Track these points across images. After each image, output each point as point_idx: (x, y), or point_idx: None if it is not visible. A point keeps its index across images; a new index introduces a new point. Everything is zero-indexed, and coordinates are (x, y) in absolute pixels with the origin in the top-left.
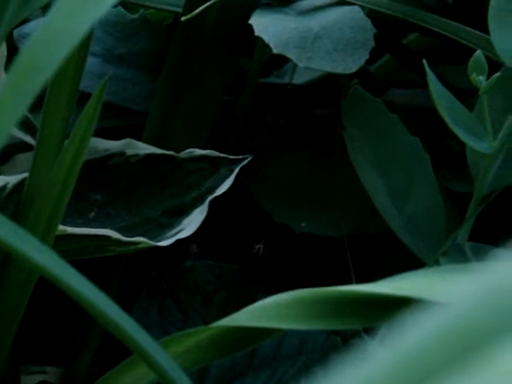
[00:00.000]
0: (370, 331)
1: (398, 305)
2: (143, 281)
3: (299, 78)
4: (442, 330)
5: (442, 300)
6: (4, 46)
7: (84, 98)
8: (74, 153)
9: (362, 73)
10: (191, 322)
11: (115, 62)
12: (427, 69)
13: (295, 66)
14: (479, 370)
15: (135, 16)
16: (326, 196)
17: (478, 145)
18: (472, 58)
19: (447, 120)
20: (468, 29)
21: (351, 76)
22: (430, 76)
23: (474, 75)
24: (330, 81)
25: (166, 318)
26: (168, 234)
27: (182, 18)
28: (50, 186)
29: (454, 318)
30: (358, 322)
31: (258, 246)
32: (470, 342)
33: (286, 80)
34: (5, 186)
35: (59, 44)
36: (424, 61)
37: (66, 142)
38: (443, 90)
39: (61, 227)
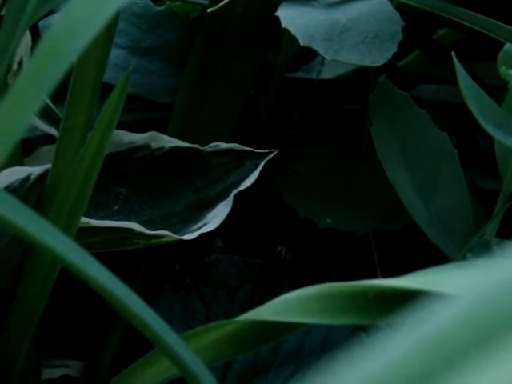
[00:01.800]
0: (394, 326)
1: (423, 299)
2: (167, 275)
3: (327, 74)
4: (457, 321)
5: (465, 295)
6: (29, 37)
7: (110, 90)
8: (97, 144)
9: (390, 68)
10: (214, 317)
11: (141, 54)
12: (456, 63)
13: (323, 61)
14: (494, 361)
15: (161, 8)
16: (352, 191)
17: (507, 140)
18: (501, 52)
19: (476, 114)
20: (498, 23)
21: (379, 71)
22: (460, 70)
23: (503, 68)
24: (357, 76)
25: (189, 312)
26: (192, 228)
27: (209, 10)
28: (72, 178)
29: (469, 309)
30: (382, 317)
31: (280, 248)
32: (485, 334)
33: (314, 75)
34: (28, 177)
35: (80, 32)
36: (453, 54)
37: (90, 133)
38: (473, 85)
39: (84, 219)
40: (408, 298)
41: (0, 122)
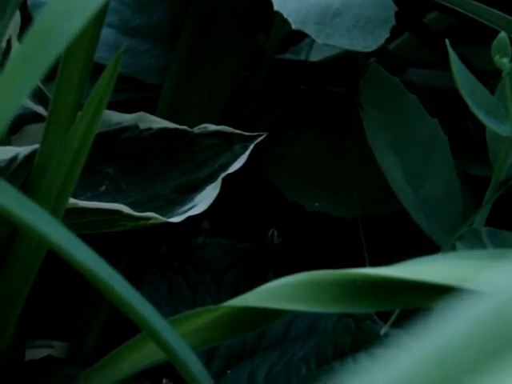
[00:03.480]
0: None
1: (412, 289)
2: (153, 257)
3: (316, 55)
4: (484, 322)
5: (458, 286)
6: (18, 15)
7: (99, 69)
8: (87, 125)
9: (380, 51)
10: (201, 300)
11: (131, 33)
12: (450, 49)
13: (312, 42)
14: None
15: None
16: (341, 176)
17: (499, 128)
18: (496, 40)
19: (468, 102)
20: (490, 9)
21: (369, 54)
22: (453, 56)
23: (497, 57)
24: (347, 58)
25: (175, 295)
26: (179, 211)
27: None
28: (61, 158)
29: (495, 310)
30: (370, 306)
31: (271, 231)
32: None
33: (303, 57)
34: (15, 157)
35: (74, 14)
36: (447, 41)
37: (79, 113)
38: (465, 71)
39: (72, 200)
40: (397, 287)
41: None
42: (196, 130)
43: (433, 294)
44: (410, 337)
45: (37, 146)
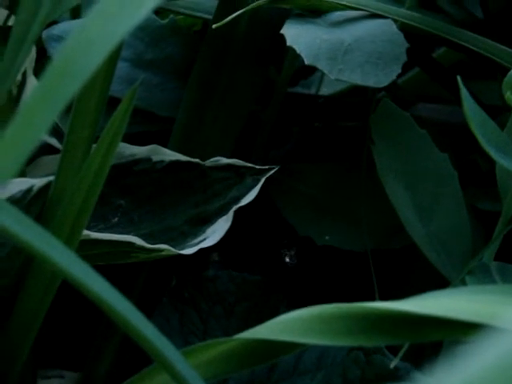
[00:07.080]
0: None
1: (424, 323)
2: (164, 288)
3: (326, 89)
4: (504, 359)
5: (469, 320)
6: (33, 48)
7: (111, 102)
8: (102, 158)
9: (389, 86)
10: (212, 332)
11: (144, 67)
12: (461, 85)
13: (323, 76)
14: None
15: (165, 21)
16: (351, 209)
17: (509, 163)
18: (507, 76)
19: (478, 137)
20: (498, 45)
21: (379, 89)
22: (464, 92)
23: (508, 94)
24: (357, 93)
25: (186, 326)
26: (191, 243)
27: (213, 26)
28: (76, 191)
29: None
30: (382, 339)
31: (286, 254)
32: None
33: (313, 90)
34: (31, 189)
35: (93, 51)
36: (458, 77)
37: (94, 146)
38: (475, 107)
39: (85, 232)
40: (409, 321)
41: (10, 140)
42: (208, 162)
43: (444, 329)
44: (422, 372)
45: (52, 177)
